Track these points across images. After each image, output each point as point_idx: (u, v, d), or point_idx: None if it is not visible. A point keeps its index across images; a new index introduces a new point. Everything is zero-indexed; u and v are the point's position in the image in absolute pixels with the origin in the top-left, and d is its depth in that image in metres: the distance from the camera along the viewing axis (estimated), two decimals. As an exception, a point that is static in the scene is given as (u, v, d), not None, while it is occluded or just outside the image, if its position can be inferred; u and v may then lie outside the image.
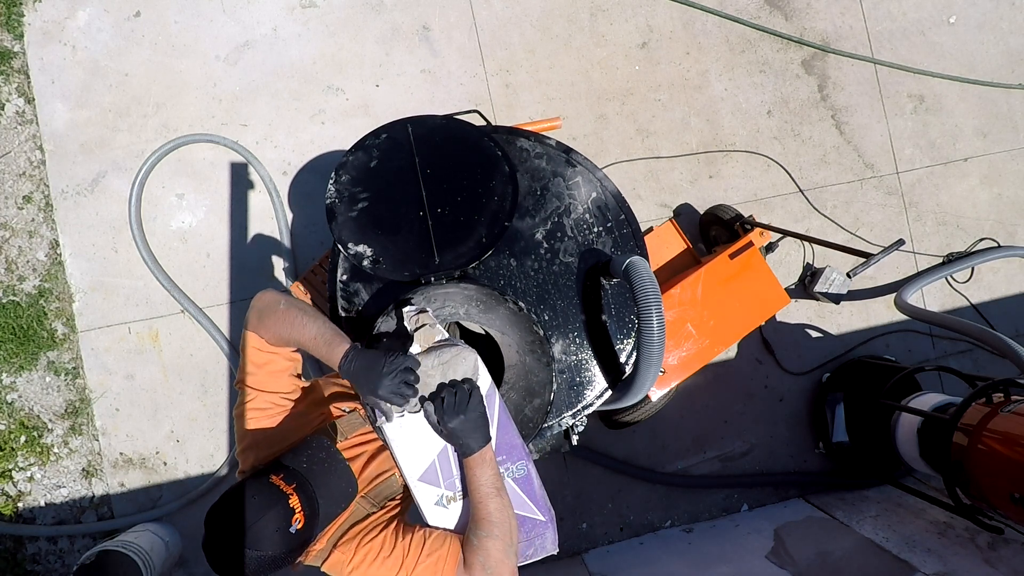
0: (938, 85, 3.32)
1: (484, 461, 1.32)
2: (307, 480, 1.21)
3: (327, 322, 1.35)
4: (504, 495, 1.34)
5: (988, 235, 3.28)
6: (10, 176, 2.87)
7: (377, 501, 1.41)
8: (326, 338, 1.31)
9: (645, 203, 3.11)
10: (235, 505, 1.14)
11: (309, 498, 1.19)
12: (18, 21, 2.90)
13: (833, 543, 2.60)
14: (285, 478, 1.19)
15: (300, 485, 1.19)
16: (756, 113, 3.20)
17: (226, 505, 1.15)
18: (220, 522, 1.13)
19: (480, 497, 1.31)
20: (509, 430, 1.44)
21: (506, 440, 1.43)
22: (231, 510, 1.14)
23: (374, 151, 1.68)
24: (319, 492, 1.22)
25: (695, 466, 3.02)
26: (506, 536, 1.30)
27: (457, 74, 3.06)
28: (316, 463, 1.25)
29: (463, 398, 1.31)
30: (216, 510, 1.15)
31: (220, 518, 1.14)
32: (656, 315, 1.53)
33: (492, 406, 1.42)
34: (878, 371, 2.91)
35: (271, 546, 1.11)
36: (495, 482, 1.33)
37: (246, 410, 1.36)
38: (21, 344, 2.78)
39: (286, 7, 3.00)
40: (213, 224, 2.92)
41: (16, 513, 2.77)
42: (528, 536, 1.43)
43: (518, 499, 1.42)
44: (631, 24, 3.17)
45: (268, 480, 1.18)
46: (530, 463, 1.45)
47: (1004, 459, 2.17)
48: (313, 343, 1.32)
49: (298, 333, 1.32)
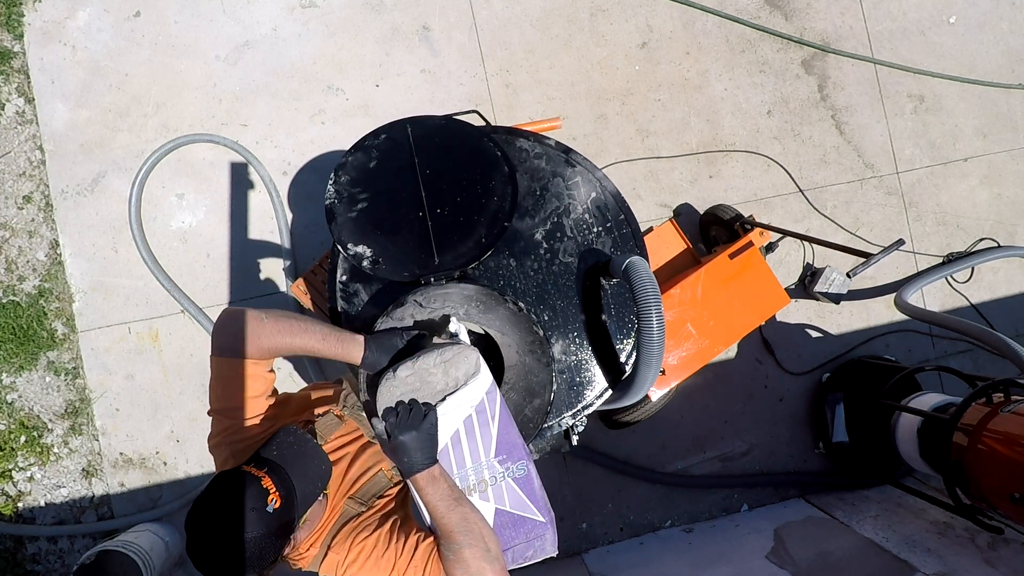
0: (938, 85, 3.32)
1: (433, 479, 1.30)
2: (278, 464, 1.22)
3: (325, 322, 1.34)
4: (464, 503, 1.32)
5: (988, 235, 3.28)
6: (10, 176, 2.87)
7: (365, 500, 1.42)
8: (336, 336, 1.31)
9: (645, 203, 3.11)
10: (210, 498, 1.15)
11: (283, 480, 1.20)
12: (18, 21, 2.90)
13: (833, 543, 2.60)
14: (255, 465, 1.20)
15: (272, 469, 1.20)
16: (756, 113, 3.20)
17: (201, 502, 1.16)
18: (198, 517, 1.14)
19: (440, 514, 1.29)
20: (510, 429, 1.44)
21: (507, 439, 1.43)
22: (206, 504, 1.15)
23: (374, 151, 1.68)
24: (292, 472, 1.22)
25: (695, 466, 3.02)
26: (479, 542, 1.27)
27: (457, 74, 3.06)
28: (285, 447, 1.26)
29: (418, 415, 1.29)
30: (193, 510, 1.16)
31: (197, 514, 1.15)
32: (656, 315, 1.53)
33: (493, 404, 1.42)
34: (878, 371, 2.91)
35: (251, 527, 1.12)
36: (451, 494, 1.31)
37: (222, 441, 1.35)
38: (21, 344, 2.79)
39: (286, 7, 3.00)
40: (213, 224, 2.92)
41: (16, 513, 2.77)
42: (527, 538, 1.41)
43: (517, 499, 1.41)
44: (631, 24, 3.17)
45: (239, 469, 1.19)
46: (530, 463, 1.45)
47: (1004, 459, 2.17)
48: (323, 344, 1.32)
49: (302, 339, 1.32)
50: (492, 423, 1.41)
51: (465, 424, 1.41)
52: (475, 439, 1.42)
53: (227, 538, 1.11)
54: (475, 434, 1.42)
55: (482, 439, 1.42)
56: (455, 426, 1.41)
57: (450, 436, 1.41)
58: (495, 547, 1.30)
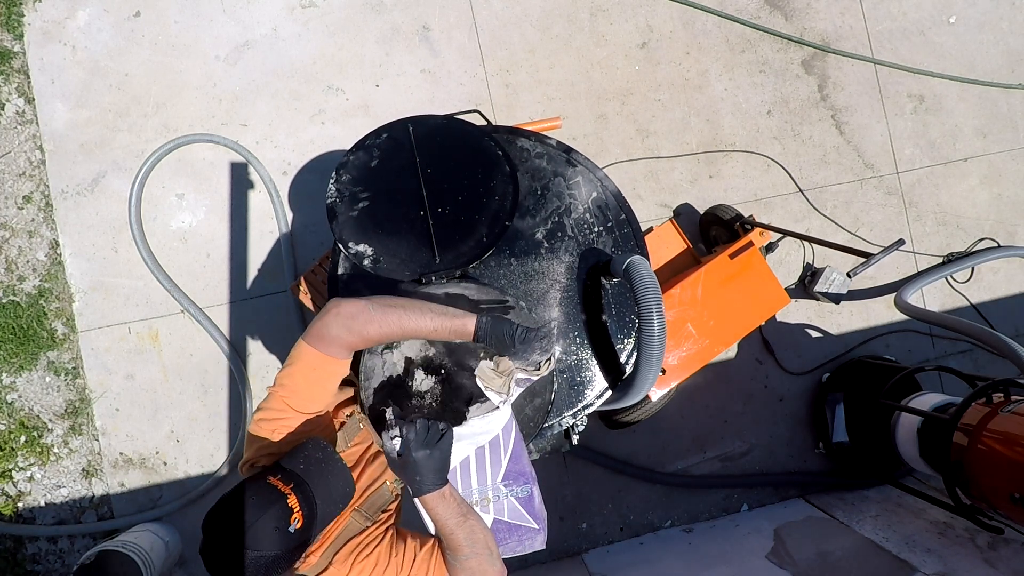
0: (938, 85, 3.32)
1: (443, 498, 1.28)
2: (304, 481, 1.21)
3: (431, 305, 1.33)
4: (471, 517, 1.32)
5: (988, 235, 3.28)
6: (10, 176, 2.87)
7: (371, 513, 1.42)
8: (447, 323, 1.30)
9: (645, 203, 3.11)
10: (233, 506, 1.14)
11: (307, 498, 1.19)
12: (18, 21, 2.89)
13: (833, 543, 2.60)
14: (283, 479, 1.19)
15: (298, 485, 1.19)
16: (756, 113, 3.20)
17: (224, 507, 1.15)
18: (218, 523, 1.13)
19: (448, 531, 1.29)
20: (521, 458, 1.45)
21: (516, 467, 1.44)
22: (230, 511, 1.13)
23: (375, 151, 1.68)
24: (317, 492, 1.22)
25: (695, 466, 3.02)
26: (483, 552, 1.31)
27: (457, 74, 3.06)
28: (313, 463, 1.25)
29: (435, 434, 1.27)
30: (214, 512, 1.15)
31: (219, 519, 1.14)
32: (656, 315, 1.53)
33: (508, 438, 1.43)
34: (878, 371, 2.91)
35: (270, 546, 1.11)
36: (459, 511, 1.30)
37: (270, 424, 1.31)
38: (21, 344, 2.78)
39: (286, 7, 3.00)
40: (213, 224, 2.91)
41: (16, 513, 2.76)
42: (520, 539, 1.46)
43: (516, 513, 1.44)
44: (631, 24, 3.17)
45: (266, 481, 1.18)
46: (535, 486, 1.47)
47: (1004, 459, 2.18)
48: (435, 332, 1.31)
49: (415, 324, 1.29)
50: (504, 456, 1.42)
51: (476, 453, 1.41)
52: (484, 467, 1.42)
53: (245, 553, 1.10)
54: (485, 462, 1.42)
55: (491, 467, 1.43)
56: (467, 452, 1.41)
57: (460, 461, 1.41)
58: (496, 549, 1.34)
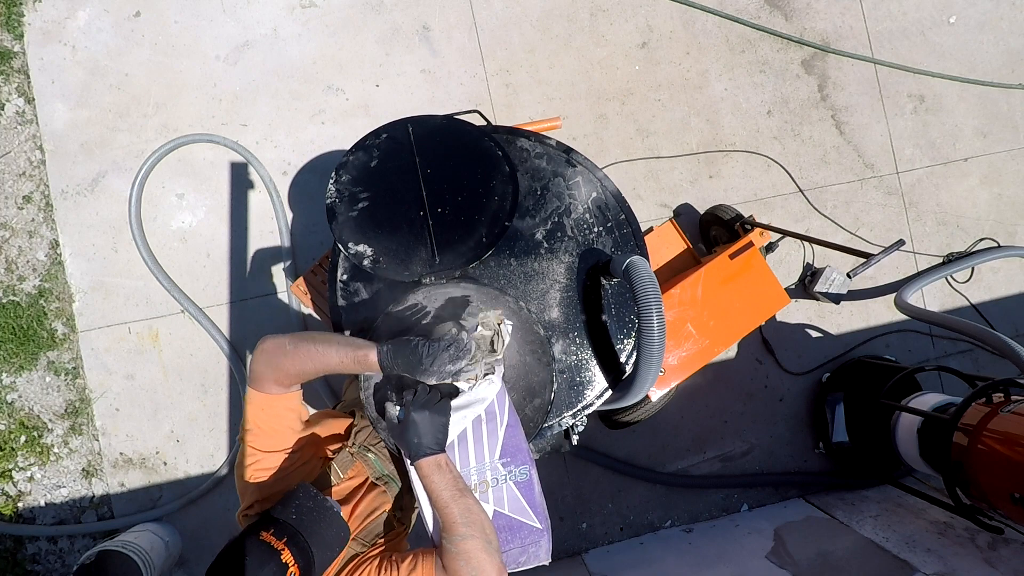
0: (938, 85, 3.32)
1: (440, 467, 1.30)
2: (298, 531, 1.22)
3: (339, 337, 1.33)
4: (468, 495, 1.31)
5: (988, 235, 3.28)
6: (10, 176, 2.87)
7: (368, 540, 1.42)
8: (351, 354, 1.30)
9: (645, 203, 3.11)
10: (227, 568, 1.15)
11: (302, 549, 1.20)
12: (18, 21, 2.90)
13: (833, 543, 2.60)
14: (275, 533, 1.20)
15: (291, 538, 1.20)
16: (756, 113, 3.20)
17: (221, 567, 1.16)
18: None
19: (443, 503, 1.29)
20: (517, 433, 1.44)
21: (513, 442, 1.43)
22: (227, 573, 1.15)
23: (374, 151, 1.68)
24: (311, 541, 1.22)
25: (695, 466, 3.02)
26: (481, 534, 1.27)
27: (457, 74, 3.06)
28: (304, 513, 1.26)
29: (435, 397, 1.29)
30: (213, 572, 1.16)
31: None
32: (656, 315, 1.53)
33: (503, 407, 1.42)
34: (878, 371, 2.91)
35: None
36: (456, 484, 1.31)
37: (247, 470, 1.36)
38: (21, 344, 2.78)
39: (286, 7, 3.00)
40: (213, 224, 2.92)
41: (16, 513, 2.76)
42: (523, 543, 1.42)
43: (517, 504, 1.41)
44: (631, 24, 3.17)
45: (259, 538, 1.19)
46: (533, 468, 1.45)
47: (1004, 459, 2.17)
48: (341, 364, 1.30)
49: (320, 363, 1.30)
50: (500, 427, 1.42)
51: (473, 424, 1.42)
52: (482, 440, 1.42)
53: None
54: (482, 435, 1.42)
55: (488, 440, 1.42)
56: (463, 425, 1.41)
57: (457, 434, 1.41)
58: (496, 540, 1.30)
